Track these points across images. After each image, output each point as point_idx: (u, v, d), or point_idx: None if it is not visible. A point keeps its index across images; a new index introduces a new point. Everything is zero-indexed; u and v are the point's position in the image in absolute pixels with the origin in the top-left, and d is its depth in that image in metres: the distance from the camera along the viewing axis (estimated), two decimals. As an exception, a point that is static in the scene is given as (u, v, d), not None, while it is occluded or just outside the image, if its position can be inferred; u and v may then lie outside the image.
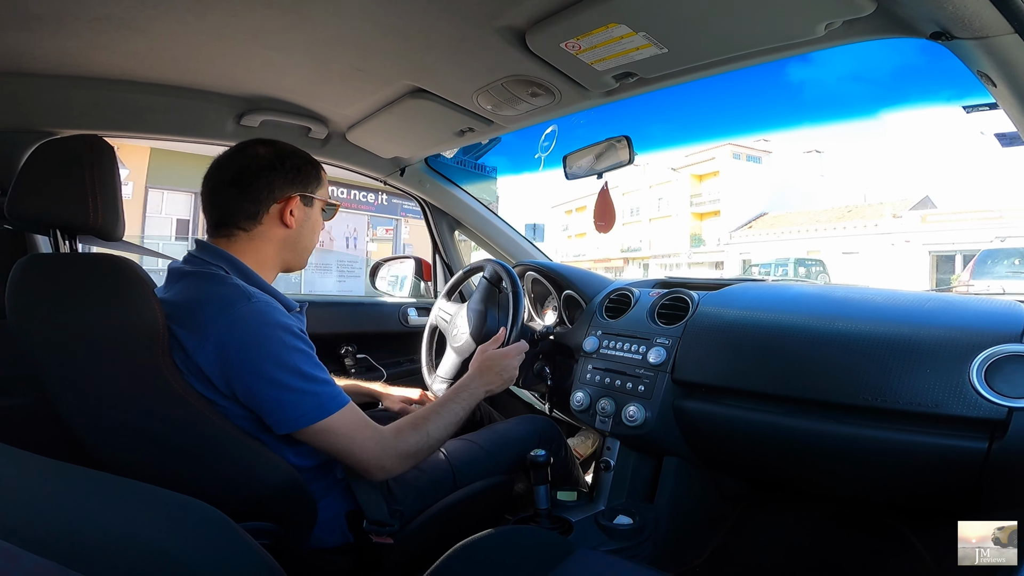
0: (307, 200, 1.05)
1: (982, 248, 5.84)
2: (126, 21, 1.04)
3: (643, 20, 0.93)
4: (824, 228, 22.34)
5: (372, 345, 2.00)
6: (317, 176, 1.07)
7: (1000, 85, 0.80)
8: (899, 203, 22.06)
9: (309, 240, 1.08)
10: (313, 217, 1.07)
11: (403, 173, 1.93)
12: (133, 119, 1.44)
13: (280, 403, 0.89)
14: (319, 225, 1.09)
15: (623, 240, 30.11)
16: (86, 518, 0.47)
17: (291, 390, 0.89)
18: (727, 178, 26.76)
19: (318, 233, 1.10)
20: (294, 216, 1.02)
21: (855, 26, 0.87)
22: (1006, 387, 0.90)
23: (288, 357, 0.89)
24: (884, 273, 15.98)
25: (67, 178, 0.91)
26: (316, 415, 0.90)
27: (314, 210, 1.07)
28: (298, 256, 1.08)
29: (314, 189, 1.06)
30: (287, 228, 1.02)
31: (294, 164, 1.03)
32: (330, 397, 0.92)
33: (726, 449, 1.31)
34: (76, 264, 0.91)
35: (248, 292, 0.91)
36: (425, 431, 1.03)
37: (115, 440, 0.89)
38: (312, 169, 1.06)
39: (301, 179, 1.03)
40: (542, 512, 1.21)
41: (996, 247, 5.63)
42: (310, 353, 0.94)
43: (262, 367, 0.88)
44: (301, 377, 0.90)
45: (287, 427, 0.89)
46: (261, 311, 0.90)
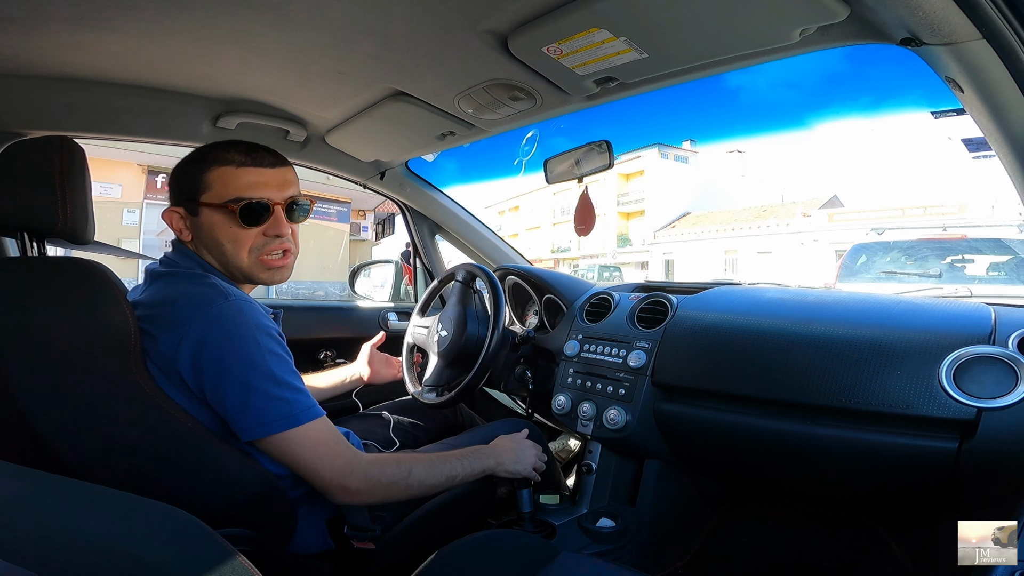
0: (189, 208, 0.95)
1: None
2: (101, 22, 1.01)
3: (624, 25, 0.94)
4: (742, 228, 22.91)
5: (352, 350, 1.98)
6: (197, 180, 0.94)
7: (967, 90, 0.82)
8: (809, 202, 22.86)
9: (216, 251, 0.96)
10: (205, 226, 0.94)
11: (383, 177, 1.92)
12: (107, 121, 1.41)
13: (246, 407, 0.85)
14: (224, 231, 0.94)
15: (554, 240, 30.24)
16: (58, 525, 0.46)
17: (260, 394, 0.85)
18: (653, 177, 27.04)
19: (228, 242, 0.95)
20: (187, 227, 0.97)
21: (829, 32, 0.89)
22: (975, 388, 0.92)
23: (262, 359, 0.87)
24: (795, 272, 16.20)
25: (36, 180, 0.89)
26: (284, 424, 0.86)
27: (203, 218, 0.94)
28: (227, 270, 0.98)
29: (193, 195, 0.94)
30: (186, 242, 0.98)
31: (175, 173, 0.98)
32: (303, 407, 0.89)
33: (705, 451, 1.32)
34: (45, 268, 0.88)
35: (226, 290, 0.90)
36: (408, 468, 0.98)
37: (86, 446, 0.86)
38: (192, 174, 0.95)
39: (177, 188, 0.97)
40: (525, 516, 1.20)
41: (872, 240, 4.76)
42: (286, 359, 0.91)
43: (233, 367, 0.85)
44: (273, 382, 0.87)
45: (252, 433, 0.86)
46: (239, 309, 0.88)
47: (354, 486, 0.91)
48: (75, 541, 0.45)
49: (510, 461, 1.18)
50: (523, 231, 32.03)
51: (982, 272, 3.96)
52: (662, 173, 27.13)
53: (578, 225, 1.57)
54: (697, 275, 22.42)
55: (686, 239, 24.45)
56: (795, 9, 0.85)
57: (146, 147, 9.31)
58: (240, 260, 0.97)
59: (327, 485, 0.90)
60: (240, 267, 0.97)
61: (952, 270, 3.97)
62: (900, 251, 4.35)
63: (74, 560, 0.43)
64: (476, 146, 1.65)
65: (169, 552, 0.49)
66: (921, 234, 4.43)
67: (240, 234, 0.95)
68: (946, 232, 4.35)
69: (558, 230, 30.11)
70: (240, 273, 0.98)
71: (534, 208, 31.78)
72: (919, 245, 4.26)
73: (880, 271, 4.24)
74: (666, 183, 26.71)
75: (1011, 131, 0.83)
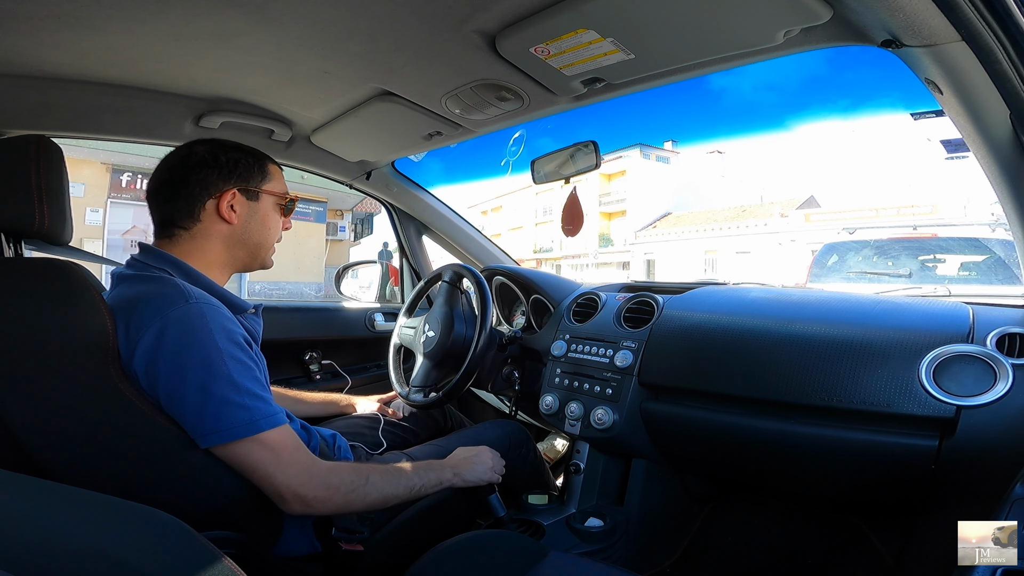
0: (249, 194, 1.01)
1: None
2: (81, 20, 0.99)
3: (611, 26, 0.94)
4: (722, 228, 23.17)
5: (338, 351, 1.96)
6: (261, 171, 1.03)
7: (946, 92, 0.84)
8: (787, 203, 23.12)
9: (260, 236, 1.04)
10: (261, 212, 1.03)
11: (369, 177, 1.91)
12: (86, 120, 1.39)
13: (203, 412, 0.83)
14: (272, 221, 1.05)
15: (536, 240, 30.22)
16: (39, 529, 0.45)
17: (217, 400, 0.83)
18: (634, 178, 27.13)
19: (273, 229, 1.06)
20: (236, 211, 0.99)
21: (812, 34, 0.91)
22: (954, 386, 0.94)
23: (221, 364, 0.84)
24: (772, 272, 16.18)
25: (13, 180, 0.87)
26: (243, 431, 0.84)
27: (261, 205, 1.03)
28: (252, 254, 1.04)
29: (257, 183, 1.02)
30: (228, 224, 0.99)
31: (231, 158, 1.00)
32: (263, 415, 0.86)
33: (691, 450, 1.33)
34: (22, 269, 0.86)
35: (188, 292, 0.87)
36: (365, 476, 0.96)
37: (65, 449, 0.84)
38: (254, 163, 1.02)
39: (239, 173, 1.00)
40: (505, 519, 1.21)
41: (844, 239, 4.66)
42: (249, 365, 0.89)
43: (190, 372, 0.83)
44: (232, 388, 0.84)
45: (209, 440, 0.84)
46: (200, 312, 0.86)
47: (311, 494, 0.88)
48: (57, 545, 0.44)
49: (467, 471, 1.16)
50: (506, 231, 32.00)
51: (953, 271, 3.98)
52: (644, 173, 27.24)
53: (566, 226, 1.57)
54: (678, 275, 22.63)
55: (667, 239, 24.63)
56: (779, 11, 0.86)
57: (110, 145, 9.12)
58: (272, 245, 1.08)
59: (283, 492, 0.87)
60: (269, 250, 1.08)
61: (923, 269, 3.99)
62: (871, 250, 4.32)
63: (56, 564, 0.42)
64: (462, 146, 1.65)
65: (154, 555, 0.48)
66: (893, 233, 4.43)
67: (278, 225, 1.08)
68: (917, 231, 4.38)
69: (540, 230, 30.12)
70: (262, 258, 1.07)
71: (517, 208, 31.78)
72: (890, 244, 4.27)
73: (851, 270, 4.24)
74: (648, 183, 26.84)
75: (988, 132, 0.85)
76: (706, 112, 55.20)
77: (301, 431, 1.09)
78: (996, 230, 3.72)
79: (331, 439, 1.19)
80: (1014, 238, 1.01)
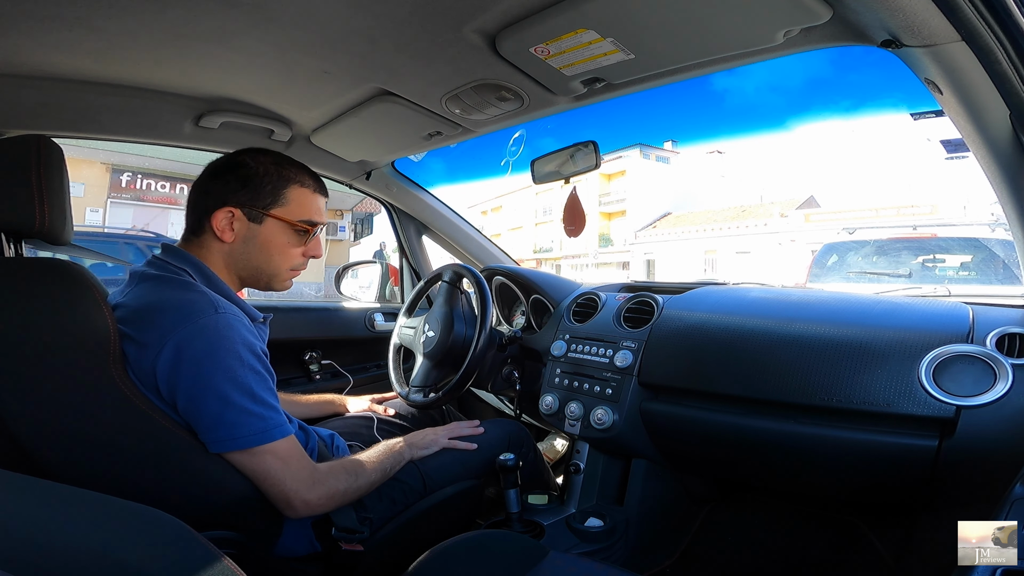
0: (252, 215, 0.98)
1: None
2: (81, 20, 0.99)
3: (611, 26, 0.94)
4: (721, 228, 23.23)
5: (338, 351, 1.96)
6: (276, 193, 0.99)
7: (946, 92, 0.84)
8: (787, 203, 23.18)
9: (260, 259, 1.00)
10: (263, 236, 0.99)
11: (369, 177, 1.91)
12: (86, 120, 1.38)
13: (220, 420, 0.86)
14: (277, 247, 1.00)
15: (536, 240, 30.35)
16: (39, 529, 0.45)
17: (236, 409, 0.86)
18: (634, 178, 27.23)
19: (278, 256, 1.01)
20: (234, 230, 0.97)
21: (812, 34, 0.91)
22: (954, 386, 0.94)
23: (243, 375, 0.87)
24: (772, 272, 16.24)
25: (13, 180, 0.87)
26: (258, 439, 0.88)
27: (264, 228, 0.99)
28: (253, 276, 1.02)
29: (265, 205, 0.98)
30: (222, 242, 0.98)
31: (244, 174, 0.98)
32: (276, 425, 0.90)
33: (691, 450, 1.33)
34: (24, 269, 0.86)
35: (216, 302, 0.89)
36: (355, 471, 1.00)
37: (65, 449, 0.85)
38: (270, 185, 0.99)
39: (248, 191, 0.97)
40: (513, 516, 1.20)
41: (843, 239, 4.64)
42: (265, 377, 0.92)
43: (212, 380, 0.85)
44: (251, 398, 0.88)
45: (222, 446, 0.87)
46: (228, 324, 0.88)
47: (315, 500, 0.92)
48: (57, 545, 0.44)
49: (418, 447, 1.20)
50: (506, 231, 32.03)
51: (953, 271, 3.97)
52: (644, 173, 27.30)
53: (568, 226, 1.57)
54: (678, 275, 22.62)
55: (667, 239, 24.69)
56: (779, 11, 0.86)
57: (110, 145, 9.12)
58: (279, 271, 1.03)
59: (291, 498, 0.90)
60: (275, 276, 1.03)
61: (923, 269, 3.97)
62: (871, 250, 4.32)
63: (56, 564, 0.42)
64: (462, 146, 1.65)
65: (153, 555, 0.48)
66: (892, 233, 4.42)
67: (293, 252, 1.03)
68: (916, 231, 4.37)
69: (540, 230, 30.16)
70: (266, 281, 1.03)
71: (517, 208, 31.81)
72: (889, 244, 4.26)
73: (851, 270, 4.24)
74: (647, 183, 26.89)
75: (988, 132, 0.85)
76: (706, 112, 55.35)
77: (299, 432, 1.10)
78: (996, 230, 3.71)
79: (329, 439, 1.19)
80: (1014, 238, 1.01)
